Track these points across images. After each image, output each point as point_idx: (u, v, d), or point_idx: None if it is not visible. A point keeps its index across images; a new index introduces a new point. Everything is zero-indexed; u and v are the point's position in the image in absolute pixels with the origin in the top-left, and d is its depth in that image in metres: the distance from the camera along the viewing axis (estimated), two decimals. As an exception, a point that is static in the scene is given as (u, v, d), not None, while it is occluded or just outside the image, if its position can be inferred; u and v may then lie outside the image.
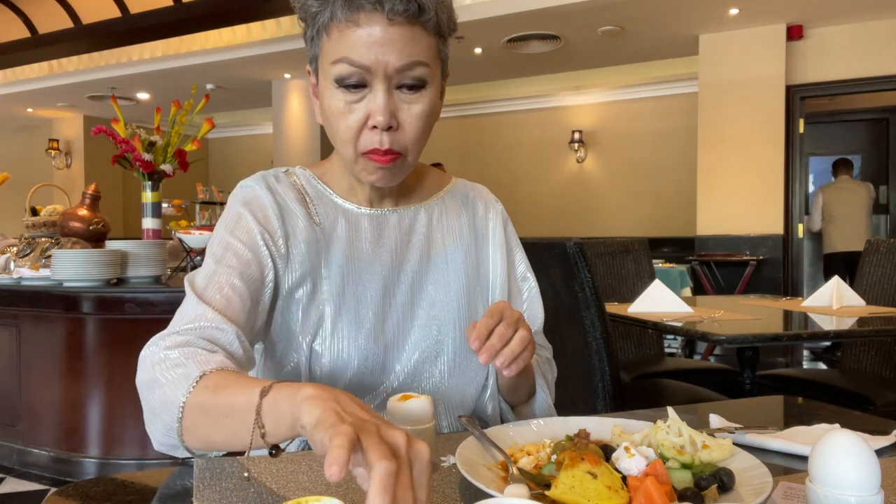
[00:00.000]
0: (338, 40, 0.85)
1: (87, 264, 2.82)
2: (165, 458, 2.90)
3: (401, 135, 0.88)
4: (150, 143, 3.25)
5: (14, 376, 3.14)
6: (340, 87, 0.86)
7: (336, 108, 0.87)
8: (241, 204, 0.94)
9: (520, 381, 0.97)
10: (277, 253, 0.92)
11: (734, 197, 5.75)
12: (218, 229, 0.95)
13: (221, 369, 0.73)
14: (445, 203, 1.05)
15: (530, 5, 5.24)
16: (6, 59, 7.00)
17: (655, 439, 0.71)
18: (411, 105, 0.87)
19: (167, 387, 0.73)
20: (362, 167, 0.90)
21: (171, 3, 5.73)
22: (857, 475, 0.56)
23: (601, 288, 2.20)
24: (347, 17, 0.83)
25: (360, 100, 0.86)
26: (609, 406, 2.17)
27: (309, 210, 0.97)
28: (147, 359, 0.79)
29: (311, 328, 0.93)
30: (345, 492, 0.70)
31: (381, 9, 0.81)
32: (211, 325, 0.82)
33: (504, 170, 7.89)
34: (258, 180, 0.97)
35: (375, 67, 0.84)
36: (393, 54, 0.83)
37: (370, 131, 0.86)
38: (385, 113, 0.85)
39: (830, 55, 5.59)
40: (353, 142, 0.88)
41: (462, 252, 1.03)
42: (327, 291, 0.94)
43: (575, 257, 2.13)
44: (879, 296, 2.77)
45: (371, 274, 0.96)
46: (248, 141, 9.92)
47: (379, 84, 0.85)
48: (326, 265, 0.95)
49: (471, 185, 1.11)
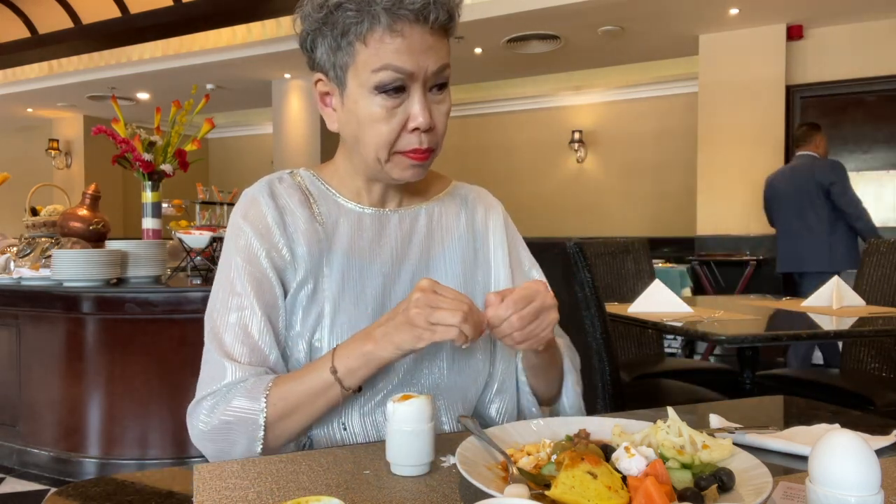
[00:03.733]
0: (378, 49, 0.87)
1: (87, 264, 2.82)
2: (165, 458, 2.90)
3: (434, 133, 0.93)
4: (150, 143, 3.25)
5: (14, 376, 3.14)
6: (381, 93, 0.89)
7: (375, 114, 0.90)
8: (242, 217, 0.98)
9: (543, 361, 1.00)
10: (283, 263, 0.96)
11: (734, 197, 5.75)
12: (225, 253, 0.98)
13: (275, 382, 0.89)
14: (445, 204, 1.08)
15: (530, 5, 5.25)
16: (6, 59, 7.00)
17: (655, 439, 0.71)
18: (440, 105, 0.93)
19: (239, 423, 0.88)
20: (395, 164, 0.93)
21: (171, 3, 5.73)
22: (857, 475, 0.56)
23: (601, 288, 2.20)
24: (391, 27, 0.86)
25: (399, 104, 0.90)
26: (609, 406, 2.17)
27: (312, 210, 0.99)
28: (199, 418, 0.90)
29: (311, 325, 0.95)
30: (345, 492, 0.70)
31: (425, 19, 0.86)
32: (253, 379, 0.90)
33: (504, 170, 7.89)
34: (261, 187, 1.00)
35: (417, 72, 0.88)
36: (431, 60, 0.89)
37: (410, 133, 0.91)
38: (426, 115, 0.90)
39: (830, 55, 5.59)
40: (390, 144, 0.91)
41: (462, 251, 1.05)
42: (328, 289, 0.96)
43: (575, 257, 2.13)
44: (879, 296, 2.77)
45: (371, 272, 0.98)
46: (248, 141, 9.92)
47: (417, 88, 0.90)
48: (328, 263, 0.97)
49: (470, 186, 1.13)
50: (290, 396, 0.87)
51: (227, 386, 0.89)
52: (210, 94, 4.10)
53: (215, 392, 0.90)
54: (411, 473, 0.75)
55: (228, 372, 0.90)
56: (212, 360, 0.93)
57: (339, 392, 0.86)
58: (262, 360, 0.92)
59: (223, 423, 0.88)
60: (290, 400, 0.87)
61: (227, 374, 0.90)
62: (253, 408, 0.86)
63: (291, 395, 0.87)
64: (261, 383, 0.88)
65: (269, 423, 0.86)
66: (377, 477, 0.74)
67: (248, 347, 0.92)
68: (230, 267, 0.96)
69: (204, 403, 0.90)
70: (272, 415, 0.86)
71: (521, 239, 1.14)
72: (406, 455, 0.75)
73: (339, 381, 0.86)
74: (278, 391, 0.87)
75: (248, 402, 0.87)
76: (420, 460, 0.75)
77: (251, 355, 0.92)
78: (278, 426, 0.87)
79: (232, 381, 0.89)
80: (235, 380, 0.90)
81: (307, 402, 0.87)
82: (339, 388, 0.86)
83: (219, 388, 0.90)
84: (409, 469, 0.75)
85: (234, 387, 0.89)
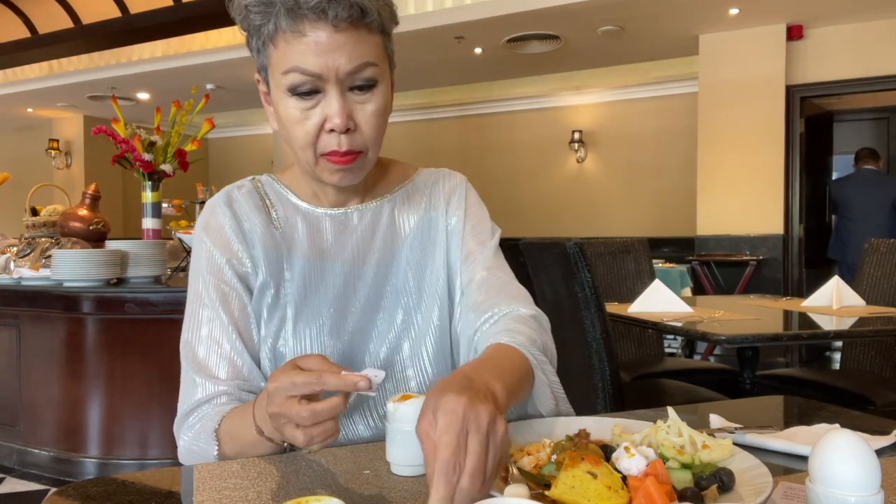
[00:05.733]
0: (285, 50, 0.85)
1: (87, 264, 2.82)
2: (165, 458, 2.90)
3: (358, 135, 0.89)
4: (150, 143, 3.25)
5: (14, 376, 3.14)
6: (294, 95, 0.87)
7: (292, 116, 0.88)
8: (203, 229, 0.98)
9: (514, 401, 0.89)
10: (244, 271, 0.96)
11: (734, 197, 5.75)
12: (192, 266, 0.99)
13: (222, 423, 0.87)
14: (408, 193, 1.05)
15: (530, 5, 5.24)
16: (6, 59, 6.98)
17: (655, 439, 0.71)
18: (365, 105, 0.88)
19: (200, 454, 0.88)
20: (323, 168, 0.91)
21: (171, 3, 5.73)
22: (857, 475, 0.56)
23: (601, 288, 2.20)
24: (292, 28, 0.83)
25: (314, 105, 0.87)
26: (609, 406, 2.17)
27: (269, 215, 0.99)
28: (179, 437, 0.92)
29: (274, 330, 0.95)
30: (345, 492, 0.70)
31: (325, 17, 0.82)
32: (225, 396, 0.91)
33: (504, 170, 7.89)
34: (220, 196, 1.00)
35: (326, 73, 0.85)
36: (342, 58, 0.84)
37: (328, 134, 0.88)
38: (341, 116, 0.86)
39: (830, 55, 5.59)
40: (311, 146, 0.89)
41: (426, 236, 1.02)
42: (290, 293, 0.96)
43: (575, 257, 2.13)
44: (879, 296, 2.77)
45: (333, 272, 0.97)
46: (248, 141, 9.92)
47: (332, 88, 0.86)
48: (289, 268, 0.97)
49: (435, 171, 1.10)
50: (236, 439, 0.85)
51: (198, 403, 0.90)
52: (210, 94, 4.10)
53: (187, 412, 0.91)
54: (411, 473, 0.75)
55: (199, 389, 0.91)
56: (185, 376, 0.94)
57: (275, 445, 0.81)
58: (236, 371, 0.92)
59: (189, 451, 0.90)
60: (237, 441, 0.85)
61: (198, 392, 0.91)
62: (208, 442, 0.86)
63: (237, 439, 0.85)
64: (214, 417, 0.87)
65: (223, 457, 0.86)
66: (377, 477, 0.74)
67: (221, 359, 0.92)
68: (197, 280, 0.96)
69: (181, 422, 0.92)
70: (225, 451, 0.86)
71: (483, 209, 1.08)
72: (406, 455, 0.75)
73: (269, 439, 0.80)
74: (226, 430, 0.86)
75: (205, 435, 0.87)
76: (420, 460, 0.74)
77: (226, 368, 0.92)
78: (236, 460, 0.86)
79: (202, 398, 0.90)
80: (205, 396, 0.90)
81: (251, 449, 0.83)
82: (273, 443, 0.80)
83: (191, 405, 0.91)
84: (409, 469, 0.75)
85: (203, 408, 0.90)
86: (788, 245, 5.69)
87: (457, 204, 1.05)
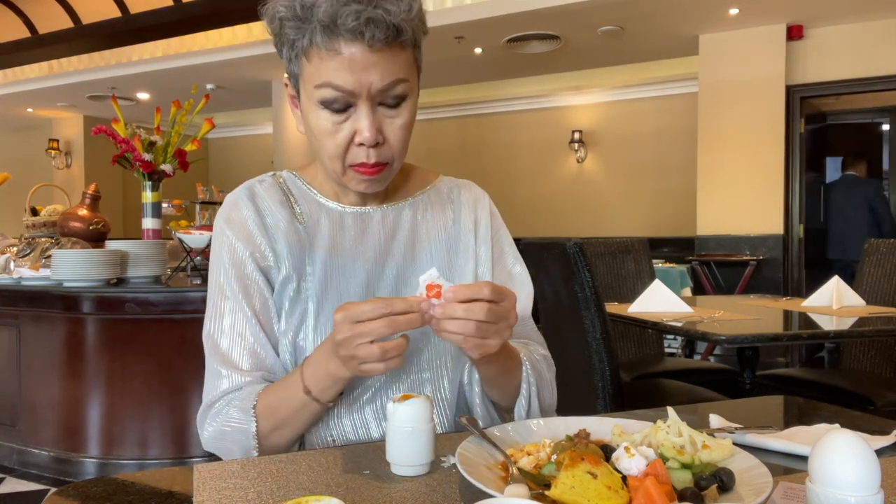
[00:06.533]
0: (318, 65, 0.86)
1: (87, 264, 2.82)
2: (165, 459, 2.90)
3: (386, 148, 0.90)
4: (150, 143, 3.25)
5: (14, 376, 3.14)
6: (325, 108, 0.88)
7: (323, 128, 0.89)
8: (225, 222, 0.99)
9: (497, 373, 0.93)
10: (266, 264, 0.97)
11: (734, 197, 5.75)
12: (213, 259, 0.99)
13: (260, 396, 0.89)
14: (430, 199, 1.06)
15: (530, 5, 5.24)
16: (6, 59, 6.98)
17: (655, 439, 0.71)
18: (394, 119, 0.90)
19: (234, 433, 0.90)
20: (351, 178, 0.93)
21: (171, 3, 5.73)
22: (857, 475, 0.56)
23: (601, 288, 2.20)
24: (327, 46, 0.84)
25: (345, 119, 0.88)
26: (609, 406, 2.17)
27: (293, 209, 0.99)
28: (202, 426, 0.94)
29: (295, 324, 0.96)
30: (345, 492, 0.70)
31: (362, 38, 0.83)
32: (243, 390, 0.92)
33: (504, 170, 7.89)
34: (242, 190, 1.00)
35: (359, 90, 0.86)
36: (375, 76, 0.85)
37: (357, 147, 0.89)
38: (371, 131, 0.87)
39: (830, 55, 5.59)
40: (340, 158, 0.90)
41: (446, 246, 1.04)
42: (311, 288, 0.96)
43: (575, 257, 2.13)
44: (879, 296, 2.77)
45: (354, 270, 0.98)
46: (248, 141, 9.92)
47: (363, 104, 0.87)
48: (311, 262, 0.97)
49: (457, 181, 1.12)
50: (276, 412, 0.88)
51: (225, 393, 0.92)
52: (210, 94, 4.10)
53: (213, 401, 0.93)
54: (411, 473, 0.75)
55: (225, 380, 0.92)
56: (210, 368, 0.95)
57: (319, 407, 0.88)
58: (259, 363, 0.94)
59: (220, 432, 0.91)
60: (277, 415, 0.88)
61: (224, 383, 0.92)
62: (244, 419, 0.88)
63: (277, 411, 0.88)
64: (250, 396, 0.90)
65: (261, 434, 0.88)
66: (377, 477, 0.74)
67: (245, 351, 0.94)
68: (219, 272, 0.97)
69: (206, 412, 0.93)
70: (263, 427, 0.88)
71: (507, 232, 1.11)
72: (406, 455, 0.75)
73: (316, 399, 0.86)
74: (265, 404, 0.89)
75: (240, 413, 0.89)
76: (420, 460, 0.75)
77: (249, 359, 0.93)
78: (271, 437, 0.89)
79: (229, 388, 0.92)
80: (232, 387, 0.92)
81: (291, 417, 0.88)
82: (318, 405, 0.87)
83: (216, 395, 0.92)
84: (409, 469, 0.75)
85: (230, 395, 0.92)
86: (788, 245, 5.69)
87: (485, 233, 1.07)
